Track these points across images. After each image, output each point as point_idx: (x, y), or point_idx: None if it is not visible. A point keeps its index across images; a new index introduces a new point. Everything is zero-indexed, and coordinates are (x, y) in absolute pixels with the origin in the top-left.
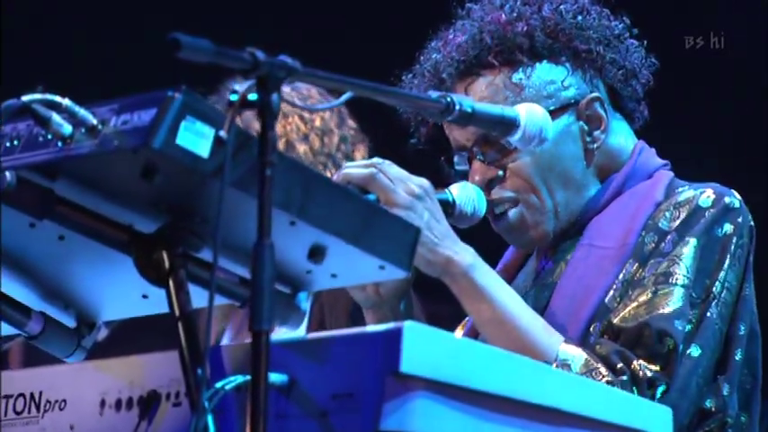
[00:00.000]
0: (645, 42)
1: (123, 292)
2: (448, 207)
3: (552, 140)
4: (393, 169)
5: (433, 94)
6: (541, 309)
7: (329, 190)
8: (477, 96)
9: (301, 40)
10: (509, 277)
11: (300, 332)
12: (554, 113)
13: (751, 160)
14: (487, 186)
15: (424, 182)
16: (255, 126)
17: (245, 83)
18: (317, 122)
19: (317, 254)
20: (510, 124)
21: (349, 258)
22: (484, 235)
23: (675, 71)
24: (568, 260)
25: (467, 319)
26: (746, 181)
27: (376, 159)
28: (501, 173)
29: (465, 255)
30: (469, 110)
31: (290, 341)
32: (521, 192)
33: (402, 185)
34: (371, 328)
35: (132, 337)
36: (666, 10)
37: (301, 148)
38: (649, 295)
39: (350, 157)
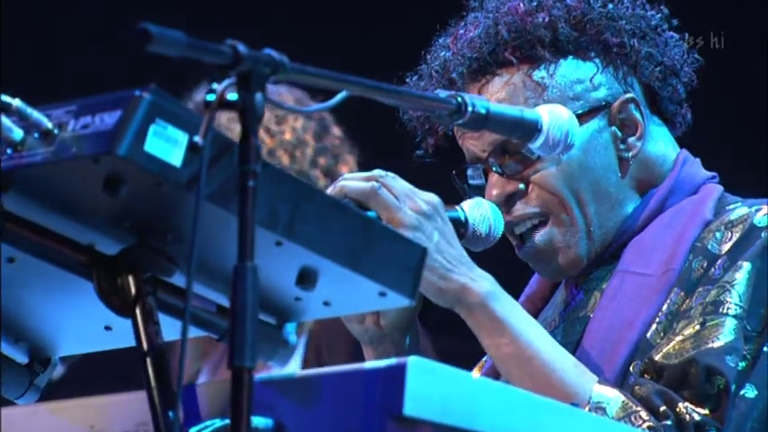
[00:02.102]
0: (686, 35)
1: (83, 323)
2: (460, 227)
3: (580, 149)
4: (397, 183)
5: (442, 93)
6: (572, 346)
7: (321, 205)
8: (493, 98)
9: (289, 32)
10: (534, 310)
11: (290, 369)
12: (582, 117)
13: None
14: (506, 202)
15: (433, 198)
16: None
17: (224, 81)
18: (287, 135)
19: (307, 279)
20: (530, 128)
21: (344, 284)
22: (502, 259)
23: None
24: (603, 290)
25: (484, 358)
26: None
27: (378, 171)
28: (522, 186)
29: (482, 282)
30: (484, 111)
31: (276, 379)
32: (548, 207)
33: (408, 202)
34: (370, 364)
35: (93, 374)
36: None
37: None
38: (696, 328)
39: (332, 172)
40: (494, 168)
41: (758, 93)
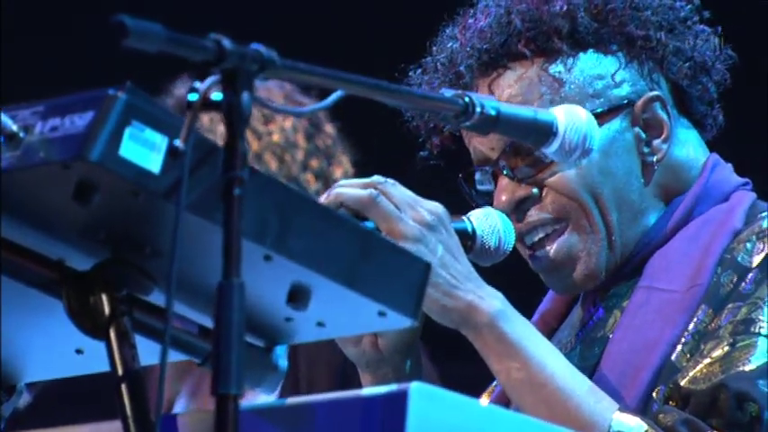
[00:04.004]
0: (719, 29)
1: (51, 346)
2: (466, 239)
3: (600, 151)
4: (398, 191)
5: (447, 92)
6: (590, 369)
7: (315, 216)
8: (505, 94)
9: (279, 24)
10: (548, 329)
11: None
12: (603, 117)
13: None
14: (517, 209)
15: (438, 207)
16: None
17: (207, 79)
18: (276, 137)
19: (298, 297)
20: (545, 131)
21: (339, 303)
22: (514, 274)
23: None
24: (624, 307)
25: (494, 383)
26: None
27: (376, 178)
28: (536, 191)
29: (491, 300)
30: (493, 113)
31: (265, 407)
32: (565, 212)
33: (409, 211)
34: (369, 390)
35: (63, 403)
36: None
37: None
38: (726, 349)
39: (325, 175)
40: (504, 171)
41: (759, 93)
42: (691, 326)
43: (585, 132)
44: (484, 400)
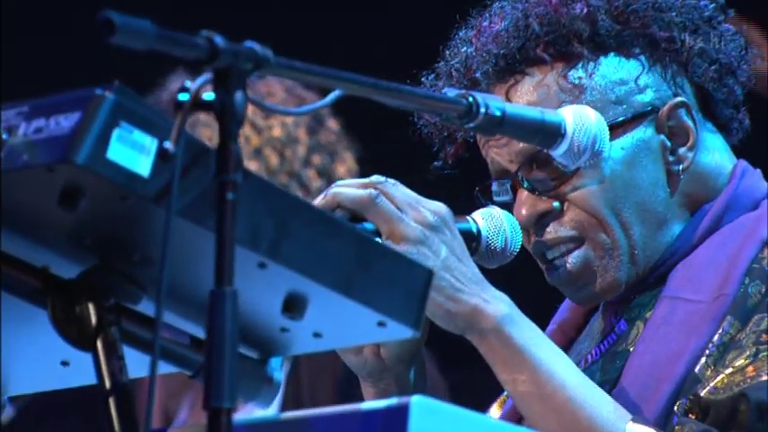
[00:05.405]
0: (744, 27)
1: (36, 358)
2: (471, 240)
3: (624, 162)
4: (399, 191)
5: (450, 92)
6: (612, 383)
7: (312, 221)
8: (523, 101)
9: (276, 21)
10: (566, 340)
11: (273, 410)
12: (626, 125)
13: None
14: (537, 223)
15: (441, 207)
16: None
17: (198, 77)
18: (276, 131)
19: (294, 306)
20: (552, 132)
21: (337, 312)
22: (522, 277)
23: None
24: (647, 318)
25: (506, 393)
26: None
27: (376, 177)
28: (557, 204)
29: (497, 304)
30: (498, 113)
31: (260, 422)
32: (585, 229)
33: (411, 212)
34: (369, 404)
35: (47, 417)
36: None
37: (252, 166)
38: (748, 359)
39: (328, 171)
40: (524, 184)
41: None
42: (716, 337)
43: (595, 134)
44: (495, 411)
